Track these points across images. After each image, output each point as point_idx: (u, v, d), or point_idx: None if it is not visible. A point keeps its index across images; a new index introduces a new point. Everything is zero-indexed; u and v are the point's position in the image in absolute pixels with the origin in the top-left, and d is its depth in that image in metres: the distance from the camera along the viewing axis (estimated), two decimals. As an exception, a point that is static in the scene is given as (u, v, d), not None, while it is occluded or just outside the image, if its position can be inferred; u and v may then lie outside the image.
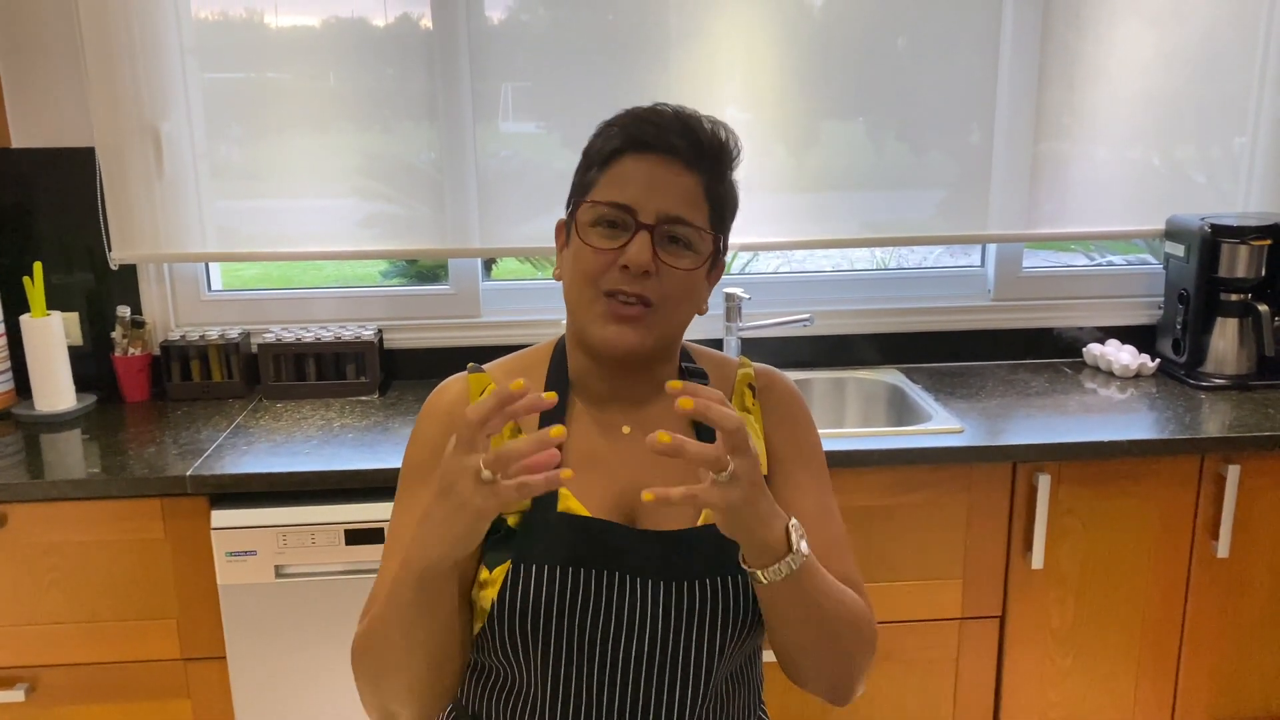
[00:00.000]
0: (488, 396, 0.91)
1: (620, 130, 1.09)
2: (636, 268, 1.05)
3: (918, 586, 1.99)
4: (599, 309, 1.08)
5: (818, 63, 2.31)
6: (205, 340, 2.28)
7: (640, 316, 1.07)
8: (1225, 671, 2.10)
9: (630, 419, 1.16)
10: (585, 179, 1.11)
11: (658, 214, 1.06)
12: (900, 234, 2.46)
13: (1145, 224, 2.45)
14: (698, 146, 1.08)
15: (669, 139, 1.07)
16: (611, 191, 1.07)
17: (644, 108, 1.11)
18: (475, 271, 2.42)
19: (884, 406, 2.37)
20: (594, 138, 1.13)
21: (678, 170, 1.07)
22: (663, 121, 1.08)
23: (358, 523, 1.83)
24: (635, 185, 1.06)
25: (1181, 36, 2.35)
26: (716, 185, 1.10)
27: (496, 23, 2.26)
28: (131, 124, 2.19)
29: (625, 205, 1.06)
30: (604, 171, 1.09)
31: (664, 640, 1.08)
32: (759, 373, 1.23)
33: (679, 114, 1.09)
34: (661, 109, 1.10)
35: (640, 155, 1.07)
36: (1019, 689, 2.07)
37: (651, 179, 1.06)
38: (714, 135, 1.10)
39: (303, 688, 1.90)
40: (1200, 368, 2.32)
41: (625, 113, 1.11)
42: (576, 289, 1.09)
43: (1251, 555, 2.04)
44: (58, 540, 1.84)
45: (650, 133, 1.07)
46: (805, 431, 1.22)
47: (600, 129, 1.13)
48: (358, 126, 2.27)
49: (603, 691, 1.08)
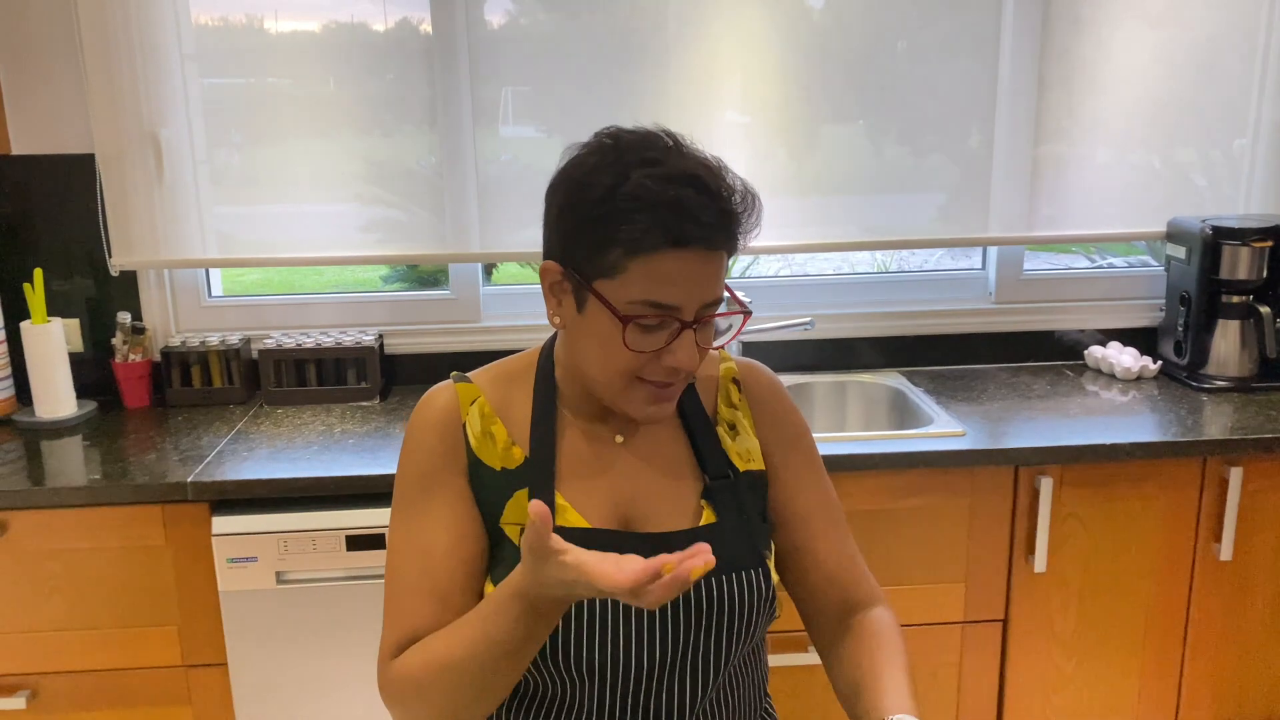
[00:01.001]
0: (539, 527, 0.89)
1: (653, 222, 0.98)
2: (688, 369, 1.04)
3: (920, 590, 1.99)
4: (637, 394, 1.07)
5: (817, 66, 2.31)
6: (206, 346, 2.28)
7: (676, 392, 1.09)
8: (1228, 674, 2.10)
9: (621, 428, 1.16)
10: (606, 258, 1.00)
11: (699, 305, 1.02)
12: (901, 237, 2.46)
13: (1146, 226, 2.45)
14: (734, 234, 1.03)
15: (712, 237, 1.00)
16: (652, 291, 1.00)
17: (672, 186, 0.98)
18: (476, 276, 2.42)
19: (885, 410, 2.37)
20: (608, 210, 0.99)
21: (714, 257, 1.02)
22: (703, 215, 0.98)
23: (359, 528, 1.83)
24: (677, 284, 1.00)
25: (1182, 39, 2.35)
26: (735, 247, 1.06)
27: (496, 27, 2.26)
28: (131, 130, 2.19)
29: (670, 306, 1.01)
30: (635, 261, 0.99)
31: (672, 642, 1.08)
32: (742, 367, 1.23)
33: (713, 194, 1.00)
34: (691, 192, 0.99)
35: (680, 252, 0.99)
36: (1022, 693, 2.07)
37: (692, 274, 1.00)
38: (748, 207, 1.04)
39: (304, 694, 1.89)
40: (1202, 370, 2.32)
41: (650, 189, 0.98)
42: (606, 377, 1.06)
43: (1254, 558, 2.04)
44: (59, 547, 1.84)
45: (693, 233, 0.98)
46: (793, 421, 1.23)
47: (616, 198, 0.99)
48: (357, 132, 2.27)
49: (614, 696, 1.09)
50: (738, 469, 1.17)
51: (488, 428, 1.13)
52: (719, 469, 1.15)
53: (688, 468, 1.16)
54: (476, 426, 1.12)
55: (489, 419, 1.13)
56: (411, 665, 1.04)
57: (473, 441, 1.12)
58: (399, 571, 1.10)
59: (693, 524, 1.12)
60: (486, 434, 1.12)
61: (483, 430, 1.12)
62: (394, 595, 1.09)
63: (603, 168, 1.01)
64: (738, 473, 1.16)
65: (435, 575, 1.08)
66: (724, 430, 1.18)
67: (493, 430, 1.13)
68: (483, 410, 1.13)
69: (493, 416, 1.13)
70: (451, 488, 1.11)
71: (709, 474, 1.15)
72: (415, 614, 1.07)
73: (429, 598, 1.07)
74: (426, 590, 1.07)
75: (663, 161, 1.00)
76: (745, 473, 1.17)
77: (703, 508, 1.13)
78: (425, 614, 1.07)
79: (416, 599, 1.07)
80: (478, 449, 1.12)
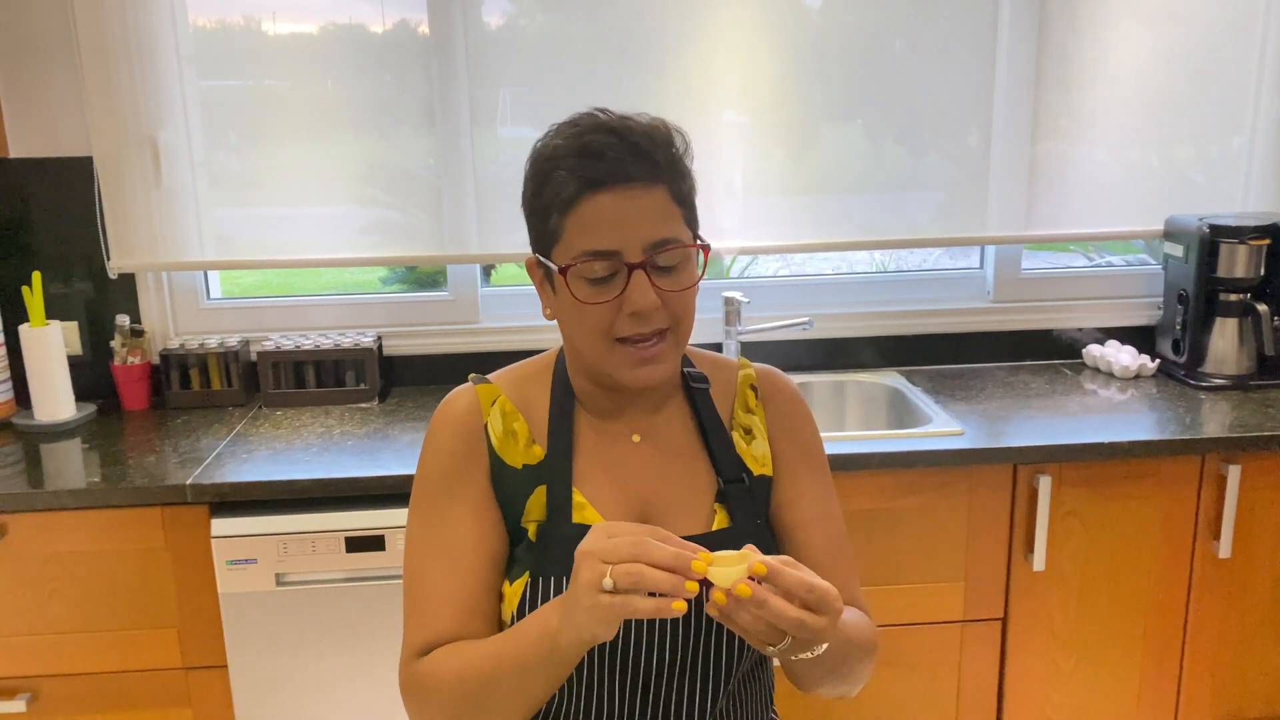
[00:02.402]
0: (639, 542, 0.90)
1: (568, 173, 1.02)
2: (645, 312, 1.03)
3: (919, 589, 1.99)
4: (619, 356, 1.06)
5: (815, 66, 2.31)
6: (204, 348, 2.28)
7: (661, 351, 1.07)
8: (1228, 672, 2.10)
9: (638, 427, 1.16)
10: (548, 227, 1.05)
11: (642, 247, 1.02)
12: (899, 236, 2.46)
13: (1144, 225, 2.45)
14: (651, 162, 1.02)
15: (622, 168, 1.01)
16: (586, 240, 1.02)
17: (578, 135, 1.03)
18: (474, 277, 2.42)
19: (884, 409, 2.37)
20: (539, 178, 1.05)
21: (641, 192, 1.02)
22: (608, 151, 1.01)
23: (358, 530, 1.83)
24: (608, 226, 1.02)
25: (1179, 37, 2.35)
26: (679, 185, 1.06)
27: (494, 28, 2.26)
28: (129, 133, 2.19)
29: (608, 251, 1.02)
30: (566, 217, 1.03)
31: (682, 647, 1.08)
32: (760, 373, 1.24)
33: (617, 133, 1.02)
34: (596, 135, 1.02)
35: (599, 194, 1.01)
36: (1021, 691, 2.07)
37: (621, 214, 1.01)
38: (662, 140, 1.05)
39: (304, 696, 1.89)
40: (1200, 368, 2.32)
41: (560, 145, 1.04)
42: (588, 342, 1.07)
43: (1253, 555, 2.04)
44: (58, 550, 1.84)
45: (600, 168, 1.01)
46: (809, 433, 1.23)
47: (541, 166, 1.05)
48: (356, 133, 2.27)
49: (622, 700, 1.09)
50: (752, 473, 1.17)
51: (510, 425, 1.13)
52: (733, 473, 1.15)
53: (703, 470, 1.16)
54: (499, 426, 1.13)
55: (511, 416, 1.14)
56: (438, 672, 1.04)
57: (495, 442, 1.12)
58: (420, 571, 1.10)
59: (705, 528, 1.12)
60: (509, 432, 1.13)
61: (505, 429, 1.13)
62: (416, 595, 1.09)
63: (538, 151, 1.07)
64: (752, 477, 1.16)
65: (458, 575, 1.08)
66: (739, 435, 1.18)
67: (515, 428, 1.13)
68: (504, 408, 1.14)
69: (515, 413, 1.14)
70: (475, 487, 1.11)
71: (723, 477, 1.15)
72: (438, 614, 1.07)
73: (452, 598, 1.07)
74: (450, 590, 1.07)
75: (579, 123, 1.05)
76: (759, 477, 1.17)
77: (715, 511, 1.13)
78: (448, 614, 1.07)
79: (439, 599, 1.07)
80: (500, 449, 1.12)
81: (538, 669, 0.97)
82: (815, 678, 1.07)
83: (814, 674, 1.06)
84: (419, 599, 1.09)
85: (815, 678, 1.07)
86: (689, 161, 1.08)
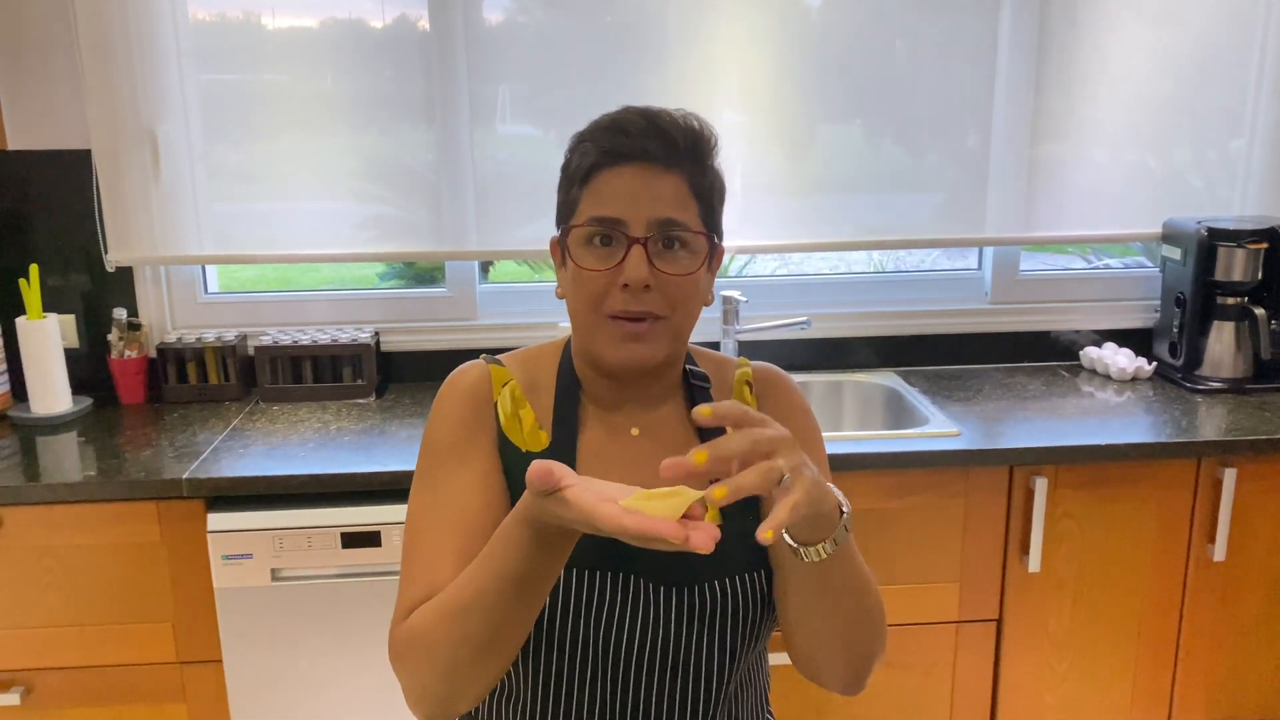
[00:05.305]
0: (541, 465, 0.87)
1: (592, 145, 1.07)
2: (636, 284, 1.04)
3: (915, 590, 1.99)
4: (607, 331, 1.07)
5: (815, 66, 2.31)
6: (202, 343, 2.28)
7: (648, 331, 1.07)
8: (1222, 675, 2.11)
9: (638, 421, 1.16)
10: (568, 198, 1.10)
11: (647, 223, 1.04)
12: (897, 237, 2.46)
13: (1142, 227, 2.45)
14: (672, 145, 1.06)
15: (642, 145, 1.05)
16: (596, 207, 1.05)
17: (611, 115, 1.09)
18: (472, 274, 2.42)
19: (881, 409, 2.37)
20: (569, 154, 1.11)
21: (658, 173, 1.05)
22: (632, 128, 1.06)
23: (354, 526, 1.83)
24: (619, 198, 1.05)
25: (1178, 40, 2.36)
26: (700, 178, 1.08)
27: (494, 24, 2.26)
28: (128, 126, 2.19)
29: (613, 219, 1.05)
30: (584, 188, 1.07)
31: (675, 643, 1.08)
32: (758, 371, 1.24)
33: (648, 116, 1.07)
34: (628, 114, 1.07)
35: (617, 167, 1.05)
36: (1016, 692, 2.07)
37: (633, 189, 1.05)
38: (687, 128, 1.08)
39: (299, 691, 1.89)
40: (1197, 371, 2.32)
41: (594, 124, 1.09)
42: (581, 313, 1.09)
43: (1248, 558, 2.05)
44: (54, 543, 1.84)
45: (622, 143, 1.05)
46: (803, 426, 1.22)
47: (573, 144, 1.11)
48: (355, 129, 2.27)
49: (614, 697, 1.09)
50: None
51: (517, 410, 1.14)
52: None
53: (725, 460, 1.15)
54: (508, 407, 1.14)
55: (519, 402, 1.14)
56: (418, 621, 1.00)
57: (502, 420, 1.13)
58: (422, 534, 1.07)
59: None
60: (515, 416, 1.14)
61: (512, 412, 1.14)
62: (414, 557, 1.07)
63: (576, 132, 1.12)
64: None
65: (463, 535, 1.06)
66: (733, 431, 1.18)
67: (521, 414, 1.14)
68: (514, 393, 1.15)
69: (523, 400, 1.15)
70: (484, 455, 1.11)
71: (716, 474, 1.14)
72: (436, 567, 1.03)
73: (453, 556, 1.04)
74: (451, 549, 1.05)
75: (619, 109, 1.09)
76: None
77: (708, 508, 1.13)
78: (447, 565, 1.03)
79: (440, 556, 1.04)
80: (506, 429, 1.13)
81: (520, 572, 0.93)
82: (829, 624, 1.03)
83: (827, 604, 1.02)
84: (415, 560, 1.06)
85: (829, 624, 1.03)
86: (714, 160, 1.11)
